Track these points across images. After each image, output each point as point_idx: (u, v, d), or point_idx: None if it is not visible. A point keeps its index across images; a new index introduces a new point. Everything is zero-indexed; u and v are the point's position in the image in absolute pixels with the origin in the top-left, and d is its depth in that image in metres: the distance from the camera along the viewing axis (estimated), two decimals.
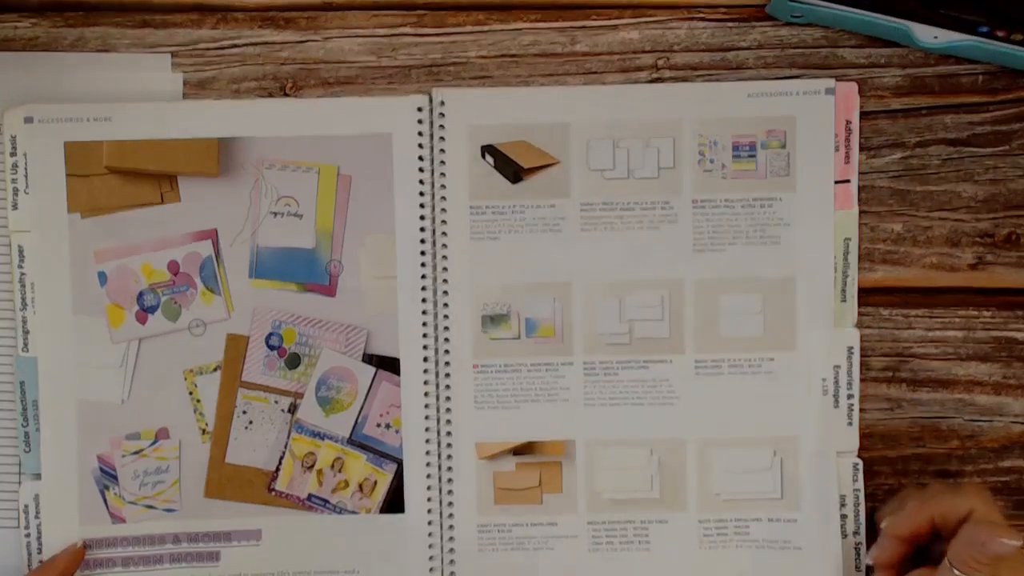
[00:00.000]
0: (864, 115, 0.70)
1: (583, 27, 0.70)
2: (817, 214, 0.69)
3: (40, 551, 0.69)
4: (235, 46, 0.70)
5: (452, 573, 0.71)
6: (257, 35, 0.70)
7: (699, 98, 0.69)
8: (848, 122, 0.70)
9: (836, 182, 0.69)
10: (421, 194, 0.70)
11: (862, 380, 0.71)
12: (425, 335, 0.70)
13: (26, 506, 0.69)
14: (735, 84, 0.69)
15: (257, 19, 0.70)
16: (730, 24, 0.70)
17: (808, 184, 0.69)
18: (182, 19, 0.70)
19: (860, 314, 0.70)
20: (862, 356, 0.70)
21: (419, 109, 0.69)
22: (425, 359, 0.70)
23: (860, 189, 0.70)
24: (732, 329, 0.70)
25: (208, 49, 0.70)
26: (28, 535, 0.69)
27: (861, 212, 0.70)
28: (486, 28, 0.70)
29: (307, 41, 0.70)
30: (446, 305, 0.70)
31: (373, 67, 0.70)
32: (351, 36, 0.70)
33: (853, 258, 0.70)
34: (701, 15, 0.70)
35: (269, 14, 0.70)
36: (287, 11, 0.70)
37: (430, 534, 0.70)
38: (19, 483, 0.70)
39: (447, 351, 0.70)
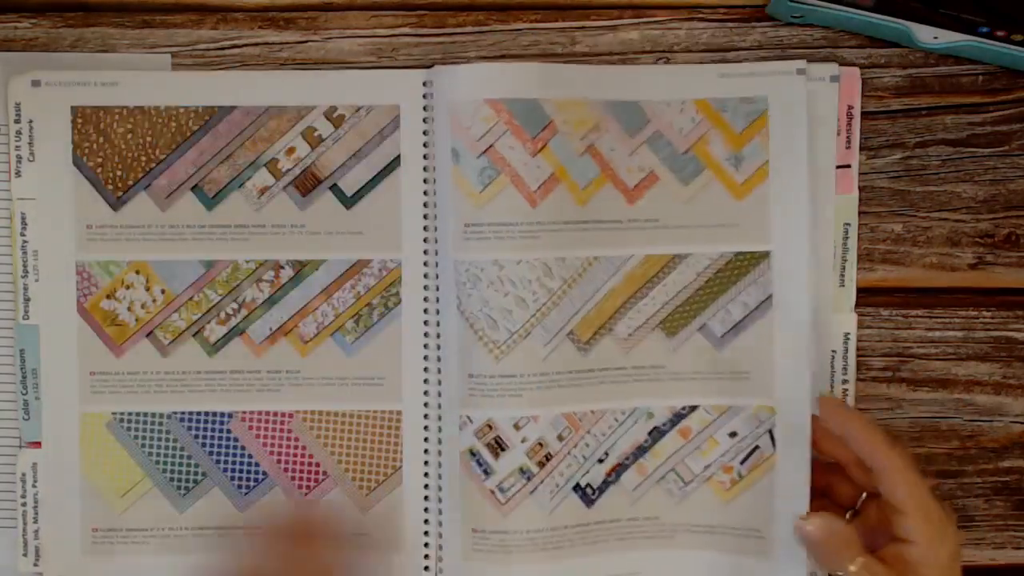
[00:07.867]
0: (864, 115, 0.70)
1: (583, 27, 0.70)
2: (818, 198, 0.69)
3: (36, 520, 0.69)
4: (235, 46, 0.70)
5: None
6: (257, 35, 0.70)
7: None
8: (850, 107, 0.69)
9: (837, 167, 0.69)
10: (425, 169, 0.69)
11: (862, 380, 0.71)
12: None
13: (23, 474, 0.69)
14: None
15: (257, 19, 0.70)
16: (730, 24, 0.70)
17: (810, 168, 0.69)
18: (182, 19, 0.70)
19: (860, 314, 0.70)
20: (862, 356, 0.70)
21: (424, 84, 0.69)
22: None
23: (860, 190, 0.70)
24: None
25: (208, 49, 0.70)
26: (24, 504, 0.69)
27: (861, 213, 0.70)
28: (486, 28, 0.70)
29: (307, 41, 0.70)
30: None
31: (373, 67, 0.70)
32: (351, 36, 0.70)
33: (852, 243, 0.70)
34: (701, 15, 0.70)
35: (269, 14, 0.70)
36: (287, 11, 0.70)
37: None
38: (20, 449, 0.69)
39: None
